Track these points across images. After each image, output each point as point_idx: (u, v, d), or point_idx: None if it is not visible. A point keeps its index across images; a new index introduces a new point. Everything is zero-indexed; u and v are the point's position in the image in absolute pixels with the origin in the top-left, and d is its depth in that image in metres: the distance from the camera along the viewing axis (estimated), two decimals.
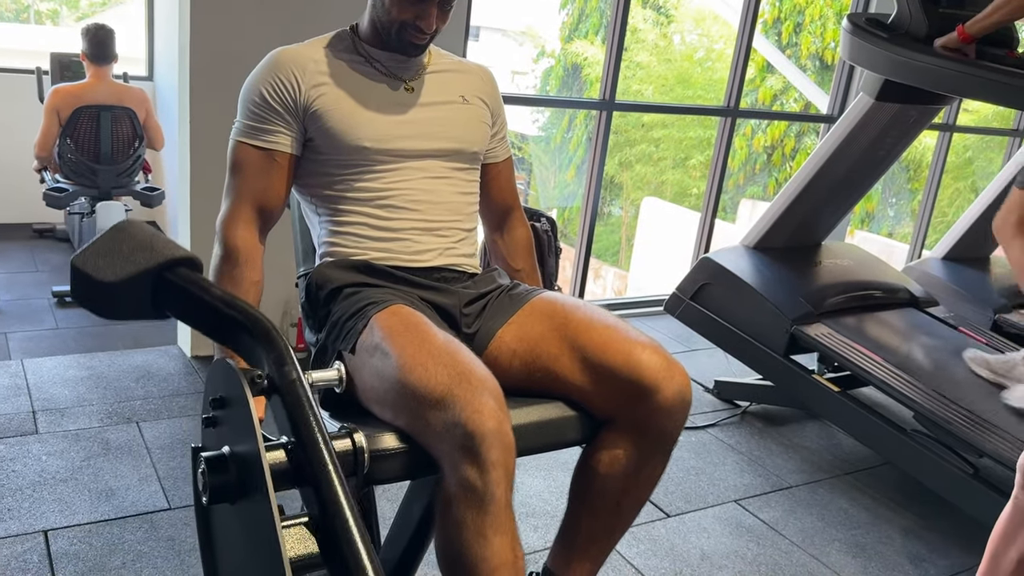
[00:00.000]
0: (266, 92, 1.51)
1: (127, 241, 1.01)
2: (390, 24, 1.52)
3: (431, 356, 1.24)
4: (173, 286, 1.02)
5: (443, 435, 1.18)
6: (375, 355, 1.31)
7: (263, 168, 1.53)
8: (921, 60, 2.45)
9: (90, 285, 1.02)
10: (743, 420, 3.05)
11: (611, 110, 3.67)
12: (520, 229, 1.83)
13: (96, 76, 3.89)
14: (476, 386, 1.20)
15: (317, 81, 1.52)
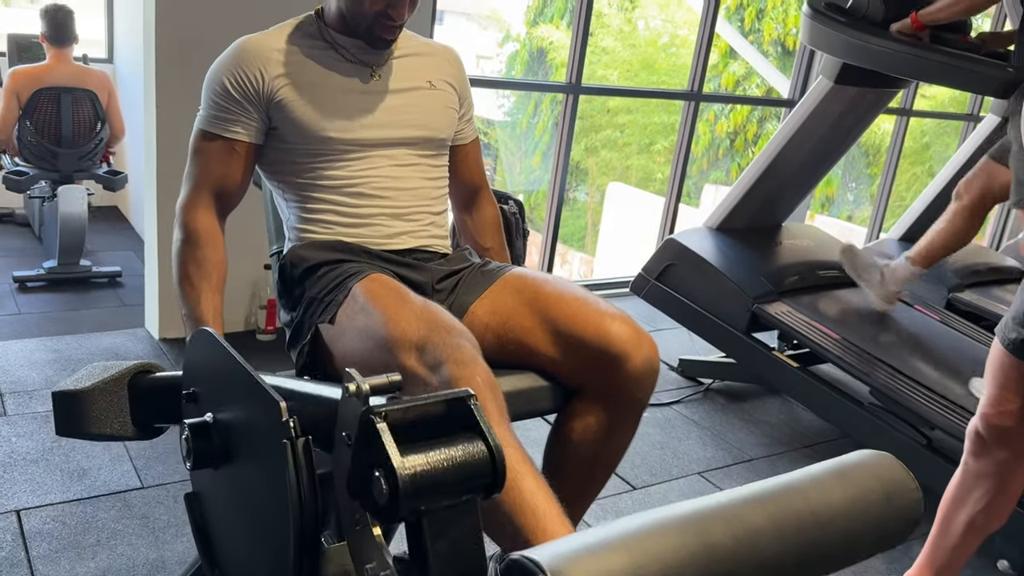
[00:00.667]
0: (228, 83, 1.51)
1: (99, 367, 1.18)
2: (362, 17, 1.51)
3: (413, 313, 1.29)
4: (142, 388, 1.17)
5: (426, 376, 1.22)
6: (358, 317, 1.35)
7: (222, 156, 1.53)
8: (877, 44, 2.53)
9: (72, 399, 1.15)
10: (706, 397, 3.13)
11: (578, 93, 3.71)
12: (488, 208, 1.86)
13: (56, 58, 3.83)
14: (454, 334, 1.26)
15: (281, 71, 1.52)
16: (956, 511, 1.82)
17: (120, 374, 1.16)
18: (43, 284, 3.74)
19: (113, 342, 2.99)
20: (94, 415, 1.16)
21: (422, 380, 1.23)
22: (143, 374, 1.19)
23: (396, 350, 1.26)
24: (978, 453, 1.77)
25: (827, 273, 3.11)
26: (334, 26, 1.58)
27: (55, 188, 3.91)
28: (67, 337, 3.00)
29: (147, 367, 1.19)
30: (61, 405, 1.15)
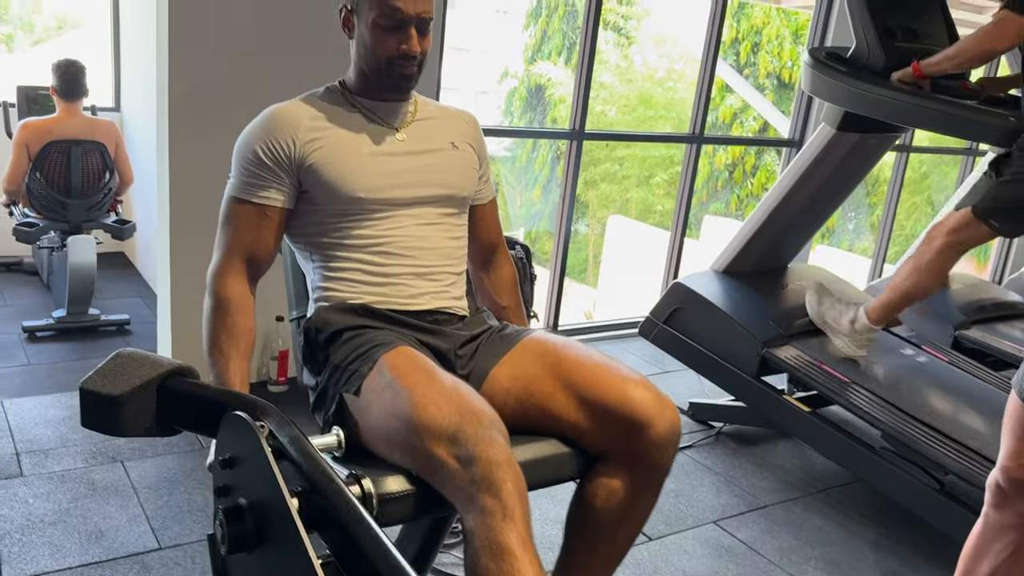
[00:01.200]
0: (260, 151, 1.55)
1: (128, 363, 1.13)
2: (378, 63, 1.56)
3: (442, 395, 1.30)
4: (174, 393, 1.13)
5: (457, 470, 1.23)
6: (385, 394, 1.36)
7: (255, 221, 1.56)
8: (879, 93, 2.57)
9: (99, 402, 1.11)
10: (718, 441, 3.14)
11: (582, 139, 3.76)
12: (505, 267, 1.89)
13: (67, 111, 3.88)
14: (486, 424, 1.26)
15: (311, 136, 1.56)
16: (977, 563, 1.83)
17: (152, 379, 1.13)
18: (52, 334, 3.75)
19: None
20: (123, 417, 1.13)
21: (451, 472, 1.24)
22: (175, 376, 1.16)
23: (426, 437, 1.27)
24: (999, 505, 1.77)
25: None
26: (357, 91, 1.63)
27: (64, 238, 3.93)
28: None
29: (180, 369, 1.16)
30: (89, 402, 1.11)
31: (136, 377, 1.11)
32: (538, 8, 11.02)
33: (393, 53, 1.54)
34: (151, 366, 1.12)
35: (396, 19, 1.51)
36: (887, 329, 3.23)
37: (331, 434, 1.39)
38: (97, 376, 1.11)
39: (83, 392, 1.11)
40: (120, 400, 1.10)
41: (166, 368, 1.13)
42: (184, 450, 2.65)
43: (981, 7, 5.58)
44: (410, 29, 1.53)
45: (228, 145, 1.66)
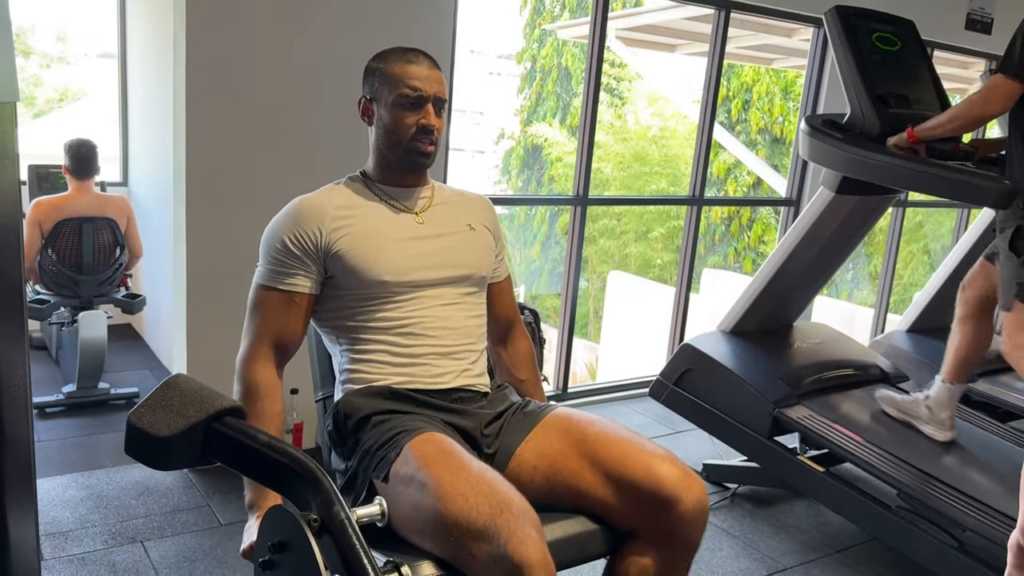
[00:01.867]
0: (288, 241, 1.61)
1: (177, 396, 1.10)
2: (399, 141, 1.64)
3: (469, 485, 1.32)
4: (221, 435, 1.11)
5: (488, 566, 1.25)
6: (411, 485, 1.38)
7: (282, 308, 1.62)
8: (876, 159, 2.64)
9: (146, 440, 1.09)
10: (733, 502, 3.14)
11: (585, 205, 3.83)
12: (522, 341, 1.93)
13: (78, 189, 3.95)
14: (517, 515, 1.27)
15: (337, 225, 1.62)
16: None
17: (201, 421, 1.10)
18: (62, 409, 3.76)
19: (143, 475, 3.00)
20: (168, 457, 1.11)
21: (482, 567, 1.26)
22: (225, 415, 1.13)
23: (455, 531, 1.29)
24: (1022, 566, 1.79)
25: (843, 372, 3.17)
26: (379, 179, 1.71)
27: (75, 314, 3.97)
28: (97, 472, 3.01)
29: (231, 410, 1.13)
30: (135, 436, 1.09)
31: (185, 417, 1.09)
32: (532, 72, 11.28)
33: (413, 130, 1.62)
34: (200, 405, 1.10)
35: (414, 97, 1.61)
36: (895, 385, 3.27)
37: (375, 503, 1.40)
38: (146, 410, 1.09)
39: (130, 427, 1.10)
40: (167, 441, 1.09)
41: (215, 409, 1.11)
42: (203, 528, 2.65)
43: (966, 63, 5.74)
44: (427, 106, 1.63)
45: (246, 223, 1.72)
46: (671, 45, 6.67)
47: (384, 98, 1.64)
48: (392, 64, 1.64)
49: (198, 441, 1.10)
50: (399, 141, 1.64)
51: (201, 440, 1.11)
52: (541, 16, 11.31)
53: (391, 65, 1.64)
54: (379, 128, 1.67)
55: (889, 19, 2.92)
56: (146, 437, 1.09)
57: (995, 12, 4.87)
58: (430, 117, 1.63)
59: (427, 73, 1.63)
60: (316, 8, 2.97)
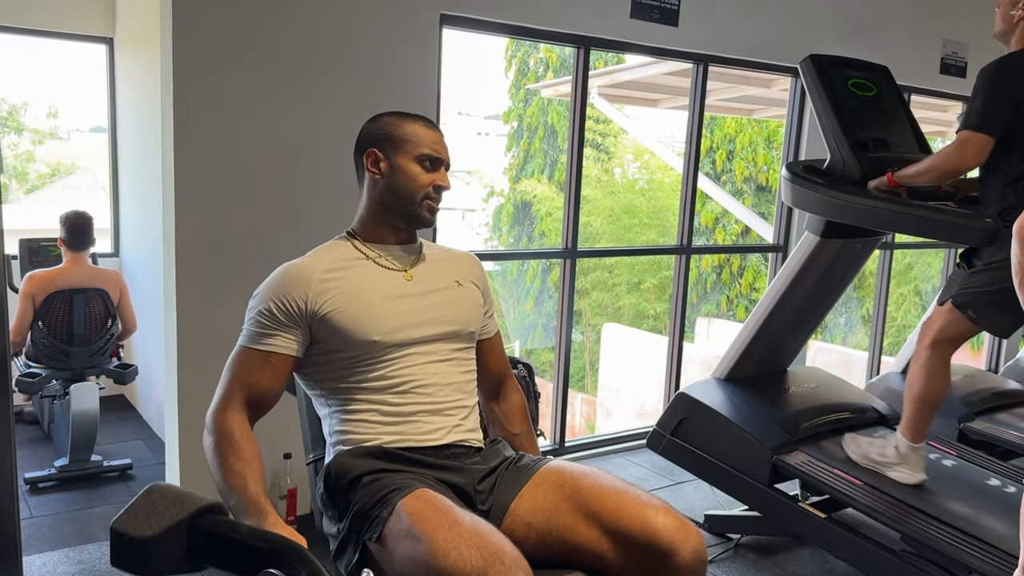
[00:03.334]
0: (274, 307, 1.61)
1: (159, 500, 1.09)
2: (412, 197, 1.67)
3: (462, 538, 1.31)
4: (205, 532, 1.10)
5: None
6: (405, 542, 1.36)
7: (258, 365, 1.60)
8: (857, 202, 2.68)
9: (130, 543, 1.12)
10: (737, 553, 3.09)
11: (575, 258, 3.86)
12: (514, 395, 1.93)
13: (72, 261, 3.96)
14: (510, 567, 1.27)
15: (323, 288, 1.62)
16: None
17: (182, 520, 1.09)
18: (55, 483, 3.71)
19: None
20: (153, 559, 1.12)
21: None
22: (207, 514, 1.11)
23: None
24: None
25: (840, 416, 3.15)
26: (368, 238, 1.72)
27: (67, 386, 3.94)
28: (89, 546, 2.96)
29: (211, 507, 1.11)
30: (119, 544, 1.06)
31: (167, 517, 1.08)
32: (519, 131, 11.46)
33: (428, 188, 1.68)
34: (181, 505, 1.09)
35: (435, 159, 1.68)
36: (892, 427, 3.25)
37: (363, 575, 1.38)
38: (128, 516, 1.07)
39: (114, 533, 1.07)
40: (151, 542, 1.10)
41: (196, 507, 1.09)
42: None
43: (944, 106, 5.86)
44: (442, 169, 1.70)
45: (235, 291, 1.72)
46: (653, 100, 6.79)
47: (401, 155, 1.68)
48: (409, 124, 1.70)
49: (182, 542, 1.09)
50: (413, 198, 1.68)
51: (185, 541, 1.09)
52: (526, 77, 11.55)
53: (409, 125, 1.70)
54: (390, 183, 1.68)
55: (864, 65, 2.99)
56: (130, 540, 1.06)
57: (968, 56, 4.99)
58: (446, 179, 1.71)
59: (442, 140, 1.73)
60: (302, 78, 3.02)
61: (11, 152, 13.30)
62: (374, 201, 1.71)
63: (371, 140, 1.70)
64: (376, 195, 1.70)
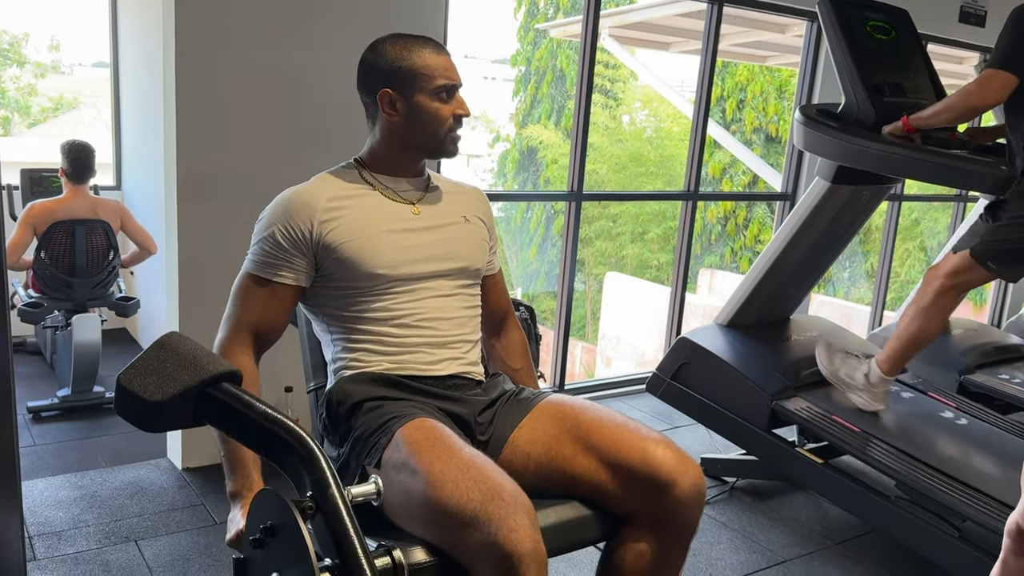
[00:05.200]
0: (278, 234, 1.58)
1: (170, 358, 1.06)
2: (436, 132, 1.62)
3: (460, 471, 1.30)
4: (216, 400, 1.07)
5: (478, 553, 1.23)
6: (402, 472, 1.36)
7: (266, 298, 1.59)
8: (871, 147, 2.63)
9: (137, 403, 1.05)
10: (732, 496, 3.12)
11: (580, 200, 3.82)
12: (515, 332, 1.92)
13: (73, 192, 3.93)
14: (508, 502, 1.25)
15: (328, 216, 1.59)
16: None
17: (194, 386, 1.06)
18: (57, 413, 3.74)
19: (137, 475, 2.98)
20: (158, 420, 1.07)
21: (472, 554, 1.25)
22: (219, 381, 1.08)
23: (445, 519, 1.27)
24: (1019, 552, 1.76)
25: None
26: (374, 168, 1.68)
27: (69, 317, 3.95)
28: (90, 472, 2.99)
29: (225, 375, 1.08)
30: (125, 398, 1.04)
31: (178, 381, 1.05)
32: (527, 74, 11.29)
33: (451, 120, 1.62)
34: (194, 368, 1.05)
35: (451, 87, 1.62)
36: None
37: (370, 483, 1.38)
38: (137, 373, 1.05)
39: (121, 388, 1.05)
40: (157, 406, 1.04)
41: (211, 373, 1.06)
42: (197, 527, 2.63)
43: (961, 57, 5.75)
44: (458, 95, 1.64)
45: (237, 222, 1.70)
46: (665, 43, 6.67)
47: (417, 90, 1.60)
48: (416, 53, 1.61)
49: (191, 404, 1.06)
50: (437, 132, 1.62)
51: (193, 404, 1.06)
52: (535, 18, 11.34)
53: (416, 54, 1.60)
54: (410, 123, 1.62)
55: (883, 8, 2.91)
56: (137, 400, 1.04)
57: (988, 5, 4.87)
58: (465, 106, 1.64)
59: (451, 62, 1.64)
60: (304, 11, 2.96)
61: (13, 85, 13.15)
62: (392, 140, 1.65)
63: (381, 78, 1.61)
64: (395, 135, 1.64)
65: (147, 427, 1.09)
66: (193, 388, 1.05)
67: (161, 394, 1.03)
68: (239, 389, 1.10)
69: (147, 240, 4.10)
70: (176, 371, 1.05)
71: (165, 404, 1.04)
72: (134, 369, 1.05)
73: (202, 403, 1.07)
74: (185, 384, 1.04)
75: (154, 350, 1.07)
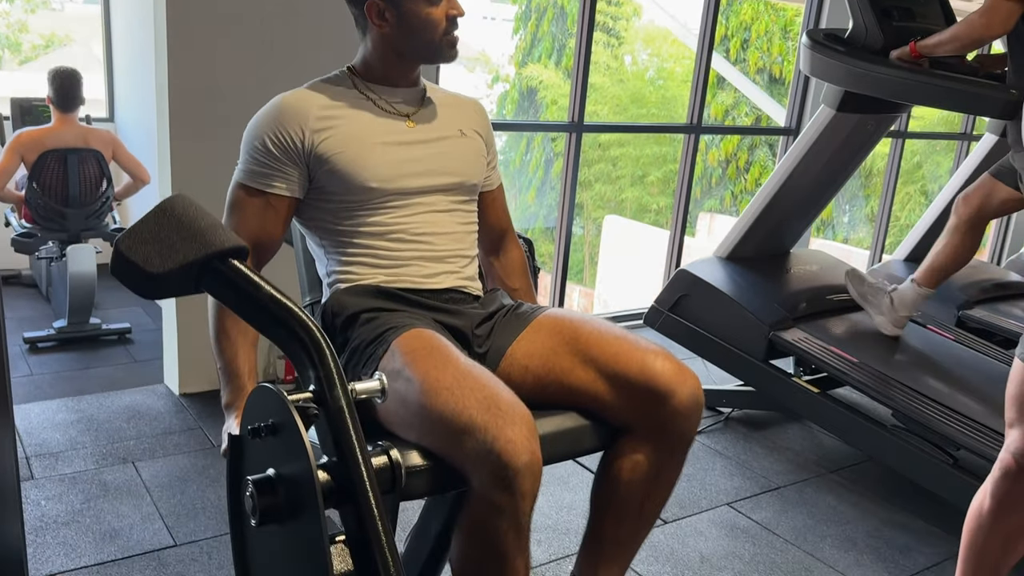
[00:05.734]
0: (269, 140, 1.53)
1: (174, 227, 1.00)
2: (432, 38, 1.55)
3: (456, 380, 1.28)
4: (221, 275, 1.02)
5: (474, 460, 1.23)
6: (398, 380, 1.34)
7: (261, 211, 1.55)
8: (879, 71, 2.58)
9: (137, 273, 1.00)
10: (727, 426, 3.13)
11: (581, 132, 3.76)
12: (515, 251, 1.89)
13: (62, 121, 3.86)
14: (505, 411, 1.24)
15: (321, 125, 1.54)
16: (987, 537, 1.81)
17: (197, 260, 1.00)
18: (54, 344, 3.73)
19: (133, 399, 2.99)
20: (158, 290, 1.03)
21: (466, 460, 1.24)
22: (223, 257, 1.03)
23: (440, 427, 1.26)
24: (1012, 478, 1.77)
25: (839, 297, 3.13)
26: (368, 77, 1.62)
27: (63, 248, 3.92)
28: (87, 397, 2.99)
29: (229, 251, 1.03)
30: (125, 266, 0.99)
31: (181, 253, 0.99)
32: (527, 11, 11.06)
33: (444, 23, 1.56)
34: (199, 241, 0.99)
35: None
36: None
37: (374, 379, 1.36)
38: (138, 241, 0.99)
39: (120, 256, 0.99)
40: (160, 278, 1.00)
41: (216, 248, 1.00)
42: (194, 449, 2.64)
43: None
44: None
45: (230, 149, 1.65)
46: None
47: None
48: None
49: (192, 277, 1.02)
50: (432, 38, 1.56)
51: (195, 276, 1.02)
52: None
53: None
54: (402, 31, 1.55)
55: None
56: (136, 270, 1.00)
57: None
58: (458, 5, 1.57)
59: None
60: None
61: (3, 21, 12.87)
62: (386, 50, 1.59)
63: None
64: (388, 45, 1.58)
65: (143, 294, 1.04)
66: (196, 262, 0.99)
67: (162, 266, 0.98)
68: (247, 267, 1.04)
69: (140, 170, 4.05)
70: (180, 242, 0.99)
71: (165, 276, 0.99)
72: (134, 235, 1.00)
73: (206, 276, 1.02)
74: (188, 258, 0.99)
75: (156, 216, 1.01)
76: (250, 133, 1.57)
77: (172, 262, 0.98)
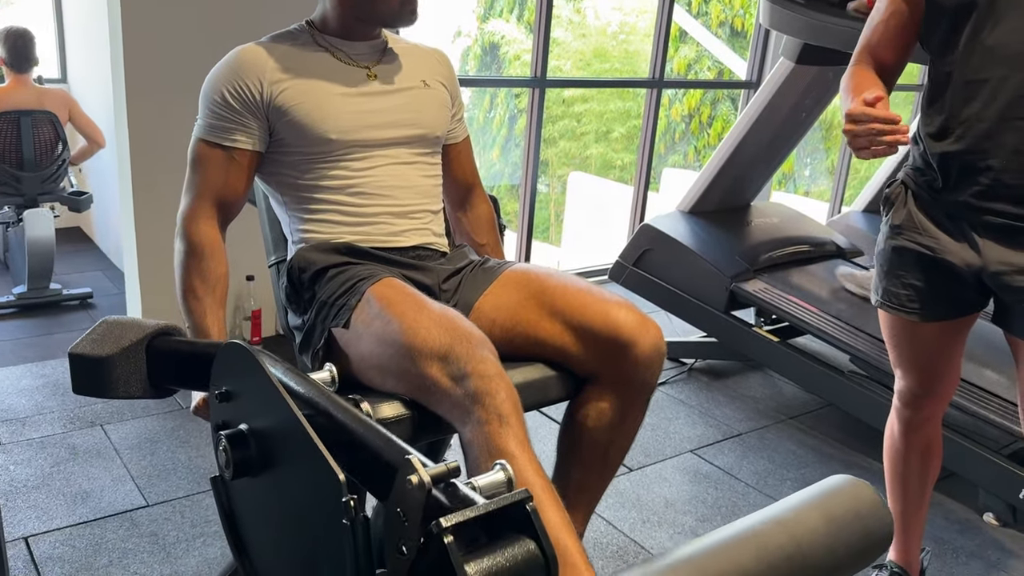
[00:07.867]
0: (227, 93, 1.52)
1: (115, 327, 1.17)
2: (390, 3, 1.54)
3: (431, 320, 1.32)
4: (163, 352, 1.17)
5: (450, 387, 1.26)
6: (375, 323, 1.37)
7: (223, 165, 1.54)
8: (836, 23, 2.61)
9: (89, 364, 1.15)
10: (690, 376, 3.21)
11: (544, 87, 3.76)
12: (482, 205, 1.90)
13: (16, 82, 3.78)
14: (476, 343, 1.29)
15: (279, 77, 1.53)
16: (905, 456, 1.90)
17: (140, 340, 1.16)
18: (14, 310, 3.68)
19: None
20: (113, 379, 1.16)
21: (445, 389, 1.27)
22: (162, 336, 1.19)
23: (418, 359, 1.29)
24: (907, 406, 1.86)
25: (798, 248, 3.20)
26: (328, 30, 1.62)
27: (20, 212, 3.85)
28: (52, 362, 2.97)
29: (166, 329, 1.19)
30: (79, 367, 1.15)
31: (124, 339, 1.14)
32: None
33: None
34: (137, 328, 1.16)
35: None
36: (850, 260, 3.32)
37: (324, 370, 1.39)
38: (85, 341, 1.15)
39: (72, 357, 1.15)
40: (110, 360, 1.13)
41: (153, 329, 1.16)
42: (164, 411, 2.64)
43: None
44: None
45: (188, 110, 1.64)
46: None
47: None
48: None
49: (141, 364, 1.16)
50: (388, 5, 1.54)
51: (145, 365, 1.16)
52: None
53: None
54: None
55: None
56: (89, 361, 1.14)
57: None
58: None
59: None
60: None
61: None
62: (343, 11, 1.58)
63: None
64: (344, 7, 1.57)
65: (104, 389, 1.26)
66: (139, 342, 1.15)
67: (108, 350, 1.13)
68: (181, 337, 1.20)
69: (96, 132, 3.98)
70: (121, 333, 1.15)
71: (115, 359, 1.13)
72: (82, 340, 1.16)
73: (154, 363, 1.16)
74: (131, 340, 1.15)
75: (98, 326, 1.17)
76: (208, 87, 1.56)
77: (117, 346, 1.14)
